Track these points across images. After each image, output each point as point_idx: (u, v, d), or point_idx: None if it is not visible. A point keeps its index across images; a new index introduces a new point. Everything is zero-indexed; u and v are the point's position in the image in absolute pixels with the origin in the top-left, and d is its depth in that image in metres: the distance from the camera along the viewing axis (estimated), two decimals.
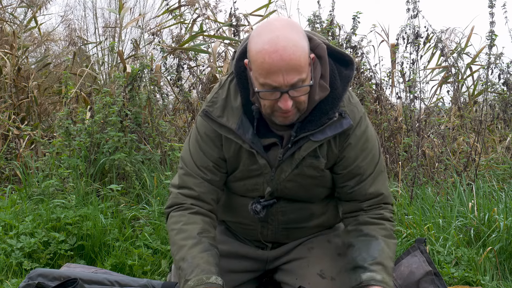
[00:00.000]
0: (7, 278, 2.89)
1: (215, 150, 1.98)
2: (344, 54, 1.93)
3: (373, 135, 2.00)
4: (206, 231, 1.95)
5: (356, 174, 1.96)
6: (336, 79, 1.87)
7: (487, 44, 4.55)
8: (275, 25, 1.73)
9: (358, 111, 1.95)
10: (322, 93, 1.84)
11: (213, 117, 1.93)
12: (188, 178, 2.00)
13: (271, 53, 1.67)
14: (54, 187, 3.78)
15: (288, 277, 2.13)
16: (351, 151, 1.94)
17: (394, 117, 4.97)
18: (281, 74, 1.69)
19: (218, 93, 1.96)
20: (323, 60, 1.84)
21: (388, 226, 1.97)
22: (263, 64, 1.70)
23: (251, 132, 1.89)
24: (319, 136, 1.87)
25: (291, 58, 1.67)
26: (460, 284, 2.84)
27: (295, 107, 1.79)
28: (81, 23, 8.82)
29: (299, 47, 1.69)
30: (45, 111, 5.85)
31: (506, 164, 4.73)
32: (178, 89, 5.13)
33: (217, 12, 5.62)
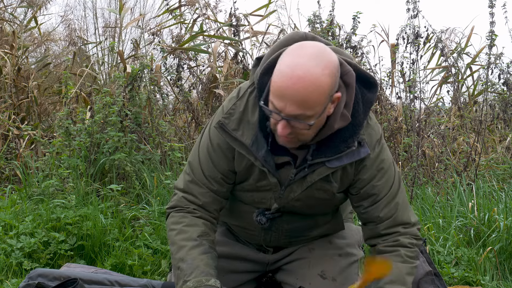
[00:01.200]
0: (7, 278, 2.89)
1: (225, 162, 1.94)
2: (369, 77, 1.85)
3: (388, 156, 1.96)
4: (207, 234, 1.94)
5: (370, 194, 1.93)
6: (359, 105, 1.82)
7: (487, 44, 4.56)
8: (306, 51, 1.65)
9: (376, 133, 1.91)
10: (343, 122, 1.78)
11: (228, 130, 1.86)
12: (194, 186, 1.98)
13: (284, 77, 1.62)
14: (54, 187, 3.78)
15: (289, 277, 2.14)
16: (366, 173, 1.90)
17: (394, 117, 4.97)
18: (285, 102, 1.63)
19: (236, 105, 1.89)
20: (350, 88, 1.77)
21: (403, 252, 1.91)
22: (275, 84, 1.65)
23: (265, 150, 1.84)
24: (336, 163, 1.83)
25: (300, 91, 1.60)
26: (460, 284, 2.84)
27: (295, 136, 1.74)
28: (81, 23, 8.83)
29: (315, 84, 1.61)
30: (45, 111, 5.85)
31: (506, 164, 4.73)
32: (178, 89, 5.14)
33: (217, 12, 5.62)
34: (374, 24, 5.45)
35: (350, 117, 1.77)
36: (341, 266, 2.09)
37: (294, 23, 5.88)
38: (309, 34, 1.86)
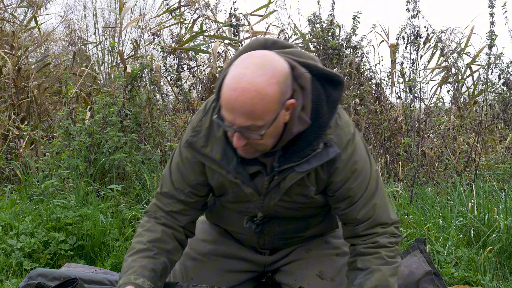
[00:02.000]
0: (7, 278, 2.89)
1: (194, 176, 1.95)
2: (333, 75, 1.82)
3: (362, 156, 1.91)
4: (161, 241, 1.95)
5: (346, 196, 1.91)
6: (322, 106, 1.78)
7: (487, 44, 4.56)
8: (251, 62, 1.64)
9: (346, 133, 1.85)
10: (301, 126, 1.75)
11: (197, 148, 1.88)
12: (163, 197, 2.01)
13: (230, 89, 1.61)
14: (54, 187, 3.78)
15: (288, 278, 2.14)
16: (338, 175, 1.87)
17: (394, 117, 4.97)
18: (234, 114, 1.63)
19: (202, 121, 1.90)
20: (306, 90, 1.73)
21: (384, 253, 1.90)
22: (223, 97, 1.64)
23: (235, 161, 1.83)
24: (305, 166, 1.80)
25: (246, 102, 1.59)
26: (460, 284, 2.84)
27: (252, 147, 1.73)
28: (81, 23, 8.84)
29: (261, 94, 1.59)
30: (45, 111, 5.85)
31: (506, 164, 4.73)
32: (178, 89, 5.14)
33: (217, 12, 5.62)
34: (374, 24, 5.46)
35: (309, 120, 1.75)
36: (338, 265, 2.09)
37: (294, 23, 5.89)
38: (269, 40, 1.84)
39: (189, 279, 2.13)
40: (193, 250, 2.18)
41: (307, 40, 5.12)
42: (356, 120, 4.76)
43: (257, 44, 1.83)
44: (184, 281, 2.12)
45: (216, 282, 2.12)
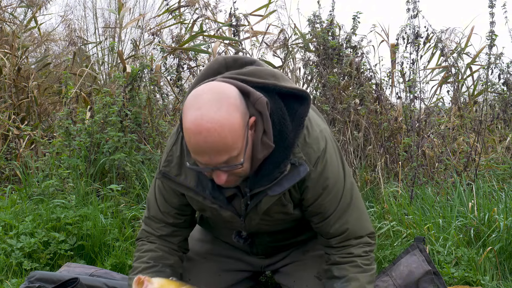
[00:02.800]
0: (7, 278, 2.89)
1: (176, 199, 1.97)
2: (297, 90, 1.79)
3: (334, 171, 1.87)
4: (163, 258, 1.98)
5: (317, 212, 1.90)
6: (287, 125, 1.74)
7: (487, 44, 4.55)
8: (203, 100, 1.60)
9: (315, 151, 1.81)
10: (266, 151, 1.72)
11: (171, 177, 1.87)
12: (151, 222, 2.03)
13: (195, 134, 1.58)
14: (54, 187, 3.78)
15: (286, 280, 2.15)
16: (309, 192, 1.85)
17: (394, 117, 4.97)
18: (208, 155, 1.61)
19: (173, 151, 1.89)
20: (264, 116, 1.70)
21: (360, 262, 1.91)
22: (190, 144, 1.62)
23: (211, 187, 1.82)
24: (277, 189, 1.77)
25: (216, 140, 1.57)
26: (460, 284, 2.84)
27: (234, 176, 1.72)
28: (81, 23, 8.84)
29: (226, 126, 1.58)
30: (45, 111, 5.85)
31: (506, 164, 4.73)
32: (178, 89, 5.14)
33: (217, 12, 5.62)
34: (374, 24, 5.44)
35: (272, 144, 1.72)
36: None
37: (294, 23, 5.88)
38: (229, 58, 1.82)
39: (186, 279, 2.13)
40: (191, 250, 2.18)
41: (307, 40, 5.12)
42: (356, 120, 4.76)
43: (217, 64, 1.81)
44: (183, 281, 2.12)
45: (214, 282, 2.13)
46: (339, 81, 4.78)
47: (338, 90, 4.76)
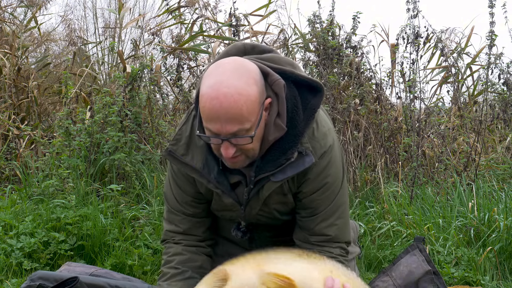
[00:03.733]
0: (7, 278, 2.89)
1: (190, 186, 1.95)
2: (312, 81, 1.80)
3: (336, 171, 1.88)
4: (190, 260, 1.97)
5: (309, 206, 1.90)
6: (299, 114, 1.76)
7: (487, 44, 4.56)
8: (224, 68, 1.63)
9: (321, 146, 1.82)
10: (278, 133, 1.73)
11: (177, 156, 1.85)
12: (172, 215, 2.02)
13: (212, 99, 1.59)
14: (54, 187, 3.78)
15: None
16: (308, 185, 1.85)
17: (394, 117, 4.97)
18: (220, 122, 1.61)
19: (182, 130, 1.88)
20: (280, 98, 1.72)
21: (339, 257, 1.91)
22: (204, 109, 1.62)
23: (217, 171, 1.82)
24: (280, 176, 1.78)
25: (231, 106, 1.58)
26: (460, 284, 2.84)
27: (242, 154, 1.71)
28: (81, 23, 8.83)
29: (243, 96, 1.59)
30: (45, 111, 5.85)
31: (506, 164, 4.73)
32: (178, 89, 5.14)
33: (217, 12, 5.62)
34: (374, 24, 5.44)
35: (285, 127, 1.73)
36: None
37: (294, 23, 5.89)
38: (248, 44, 1.84)
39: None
40: None
41: (307, 40, 5.12)
42: (356, 120, 4.76)
43: (235, 49, 1.82)
44: None
45: None
46: (339, 81, 4.78)
47: (338, 90, 4.76)
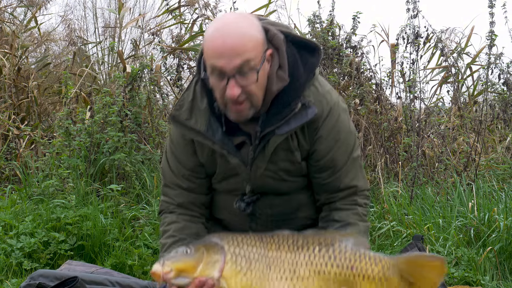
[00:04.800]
0: (7, 278, 2.89)
1: (189, 158, 1.97)
2: (309, 42, 1.90)
3: (346, 124, 1.93)
4: (187, 228, 1.98)
5: (329, 166, 1.92)
6: (299, 68, 1.84)
7: (487, 44, 4.56)
8: (228, 17, 1.81)
9: (328, 101, 1.88)
10: (280, 83, 1.80)
11: (181, 121, 1.89)
12: (167, 189, 2.03)
13: (216, 37, 1.68)
14: (54, 187, 3.78)
15: None
16: (322, 143, 1.89)
17: (394, 117, 4.97)
18: (225, 58, 1.68)
19: (184, 96, 1.93)
20: (280, 51, 1.81)
21: (360, 210, 1.96)
22: (209, 49, 1.70)
23: (221, 132, 1.85)
24: (285, 128, 1.82)
25: (234, 42, 1.66)
26: (460, 284, 2.84)
27: (247, 99, 1.75)
28: (81, 23, 8.84)
29: (246, 35, 1.69)
30: (45, 111, 5.85)
31: (506, 164, 4.73)
32: (178, 89, 5.14)
33: (217, 12, 5.62)
34: (374, 24, 5.44)
35: (287, 78, 1.80)
36: None
37: (294, 23, 5.89)
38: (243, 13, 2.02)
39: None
40: None
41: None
42: (356, 120, 4.77)
43: None
44: None
45: None
46: (339, 81, 4.79)
47: (338, 90, 4.76)
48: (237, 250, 1.70)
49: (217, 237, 1.71)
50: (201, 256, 1.68)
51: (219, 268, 1.67)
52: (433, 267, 1.74)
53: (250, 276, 1.69)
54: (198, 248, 1.69)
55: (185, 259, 1.67)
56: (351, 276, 1.72)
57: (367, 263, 1.72)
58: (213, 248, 1.69)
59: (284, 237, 1.73)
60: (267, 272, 1.70)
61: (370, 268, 1.72)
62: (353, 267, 1.73)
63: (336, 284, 1.72)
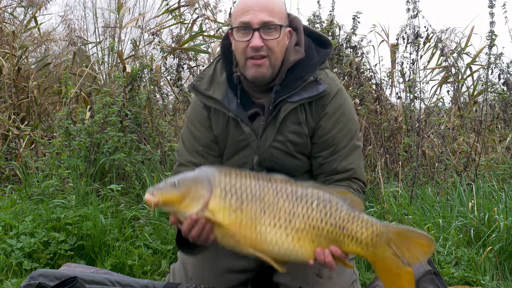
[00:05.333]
0: (7, 278, 2.89)
1: (204, 133, 2.11)
2: (322, 36, 2.12)
3: (351, 111, 2.09)
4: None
5: (330, 144, 2.04)
6: (313, 51, 2.05)
7: (487, 44, 4.56)
8: None
9: (336, 84, 2.07)
10: (297, 56, 2.01)
11: (200, 90, 2.07)
12: (180, 167, 2.11)
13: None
14: (54, 187, 3.78)
15: (285, 279, 2.14)
16: (327, 120, 2.03)
17: (394, 117, 4.97)
18: (252, 12, 1.90)
19: (206, 70, 2.13)
20: (299, 30, 2.04)
21: (353, 190, 2.01)
22: (239, 4, 1.95)
23: (236, 103, 2.03)
24: (296, 97, 1.99)
25: (264, 1, 1.92)
26: (460, 284, 2.84)
27: (267, 56, 1.94)
28: (81, 23, 8.83)
29: (274, 0, 1.96)
30: (45, 111, 5.85)
31: (506, 164, 4.73)
32: (178, 89, 5.13)
33: (217, 12, 5.62)
34: (374, 24, 5.44)
35: (303, 52, 2.02)
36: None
37: None
38: None
39: (188, 279, 2.13)
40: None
41: None
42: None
43: None
44: (184, 281, 2.12)
45: (215, 282, 2.12)
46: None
47: None
48: (228, 187, 1.74)
49: (210, 172, 1.76)
50: (187, 190, 1.72)
51: (203, 203, 1.71)
52: (421, 244, 1.77)
53: (240, 215, 1.73)
54: (186, 181, 1.73)
55: (172, 191, 1.72)
56: (341, 236, 1.77)
57: (358, 225, 1.77)
58: (201, 183, 1.73)
59: (283, 183, 1.78)
60: (261, 216, 1.74)
61: (360, 231, 1.76)
62: (345, 228, 1.77)
63: (326, 240, 1.77)
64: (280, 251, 1.74)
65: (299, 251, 1.75)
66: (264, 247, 1.74)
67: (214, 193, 1.72)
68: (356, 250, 1.77)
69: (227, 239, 1.75)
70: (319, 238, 1.75)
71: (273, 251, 1.74)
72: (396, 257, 1.76)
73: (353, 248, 1.77)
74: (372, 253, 1.77)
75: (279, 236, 1.73)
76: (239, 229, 1.72)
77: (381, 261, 1.77)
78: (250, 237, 1.72)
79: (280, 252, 1.74)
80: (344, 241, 1.76)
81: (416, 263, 1.79)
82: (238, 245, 1.74)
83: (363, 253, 1.78)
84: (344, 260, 1.78)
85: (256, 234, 1.72)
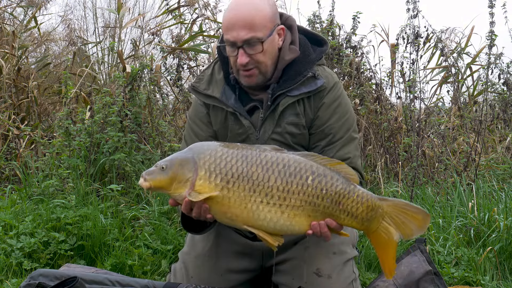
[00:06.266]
0: (7, 278, 2.89)
1: (204, 129, 2.19)
2: (317, 35, 2.18)
3: (347, 103, 2.16)
4: None
5: (327, 134, 2.10)
6: (309, 49, 2.11)
7: (487, 44, 4.56)
8: None
9: (333, 77, 2.14)
10: (292, 55, 2.07)
11: (199, 90, 2.16)
12: None
13: (230, 10, 1.99)
14: (54, 187, 3.78)
15: (285, 278, 2.14)
16: (324, 110, 2.10)
17: (394, 117, 4.97)
18: (235, 30, 1.96)
19: (205, 72, 2.22)
20: (293, 29, 2.10)
21: None
22: (224, 21, 2.00)
23: (234, 98, 2.11)
24: (295, 92, 2.06)
25: (245, 15, 1.95)
26: (460, 284, 2.84)
27: (255, 68, 2.01)
28: (81, 23, 8.84)
29: (257, 10, 1.96)
30: (45, 111, 5.85)
31: (506, 164, 4.73)
32: (178, 89, 5.13)
33: (217, 12, 5.62)
34: (374, 24, 5.44)
35: (298, 51, 2.08)
36: (336, 263, 2.10)
37: None
38: None
39: (189, 278, 2.13)
40: (193, 249, 2.18)
41: None
42: (356, 120, 4.76)
43: None
44: (184, 280, 2.12)
45: (216, 282, 2.12)
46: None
47: None
48: (212, 167, 1.76)
49: (197, 152, 1.79)
50: (175, 173, 1.76)
51: (190, 185, 1.74)
52: (416, 219, 1.79)
53: (227, 194, 1.76)
54: (173, 164, 1.77)
55: (161, 176, 1.76)
56: (337, 211, 1.81)
57: (354, 200, 1.81)
58: (187, 165, 1.76)
59: (273, 158, 1.78)
60: (250, 194, 1.75)
61: (356, 206, 1.80)
62: (341, 203, 1.78)
63: (322, 215, 1.81)
64: (276, 227, 1.79)
65: (296, 226, 1.80)
66: (258, 223, 1.78)
67: (199, 174, 1.73)
68: (352, 224, 1.83)
69: (220, 216, 1.80)
70: (315, 213, 1.79)
71: (268, 227, 1.78)
72: (389, 232, 1.78)
73: (349, 222, 1.83)
74: (366, 227, 1.82)
75: (274, 214, 1.77)
76: (229, 208, 1.76)
77: (375, 233, 1.83)
78: (241, 215, 1.76)
79: (275, 228, 1.79)
80: (340, 216, 1.81)
81: (411, 237, 1.82)
82: (232, 222, 1.80)
83: (358, 226, 1.83)
84: (339, 230, 1.85)
85: (247, 211, 1.76)
